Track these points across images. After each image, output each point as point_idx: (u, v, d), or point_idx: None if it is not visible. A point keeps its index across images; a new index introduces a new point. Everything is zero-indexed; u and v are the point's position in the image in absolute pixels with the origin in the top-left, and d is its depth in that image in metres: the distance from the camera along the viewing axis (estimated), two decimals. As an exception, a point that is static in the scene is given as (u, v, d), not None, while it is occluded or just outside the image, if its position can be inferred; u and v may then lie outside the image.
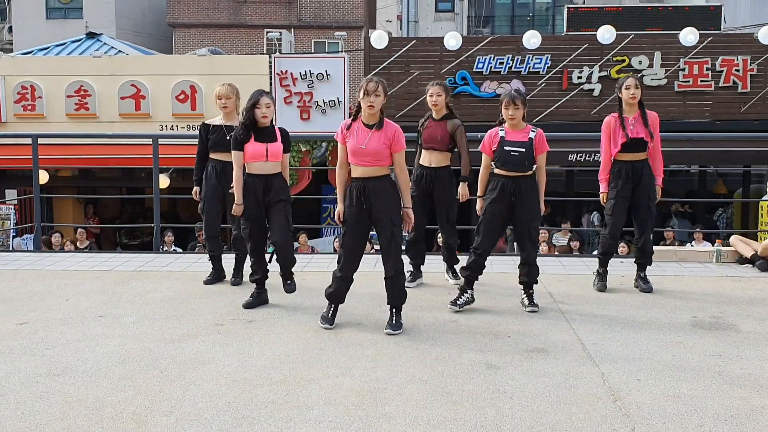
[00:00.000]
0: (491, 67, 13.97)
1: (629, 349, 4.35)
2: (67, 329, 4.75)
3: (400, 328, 4.66)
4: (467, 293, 5.29)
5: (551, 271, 6.58)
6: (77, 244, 11.58)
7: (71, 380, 3.82)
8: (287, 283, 5.42)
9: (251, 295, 5.38)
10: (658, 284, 5.94)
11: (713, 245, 8.13)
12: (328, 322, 4.79)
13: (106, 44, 17.96)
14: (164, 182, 12.51)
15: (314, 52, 22.68)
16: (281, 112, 13.98)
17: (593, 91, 13.81)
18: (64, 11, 24.41)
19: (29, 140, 8.53)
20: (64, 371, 3.95)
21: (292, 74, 14.39)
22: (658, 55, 13.74)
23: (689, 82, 13.80)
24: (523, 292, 5.35)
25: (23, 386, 3.73)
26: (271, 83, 14.28)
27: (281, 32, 22.19)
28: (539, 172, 5.32)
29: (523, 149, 5.15)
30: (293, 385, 3.74)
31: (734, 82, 13.71)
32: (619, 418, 3.35)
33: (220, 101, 5.97)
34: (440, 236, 8.74)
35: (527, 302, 5.26)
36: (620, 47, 13.70)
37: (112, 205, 17.94)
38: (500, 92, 13.65)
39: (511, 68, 13.95)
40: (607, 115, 5.96)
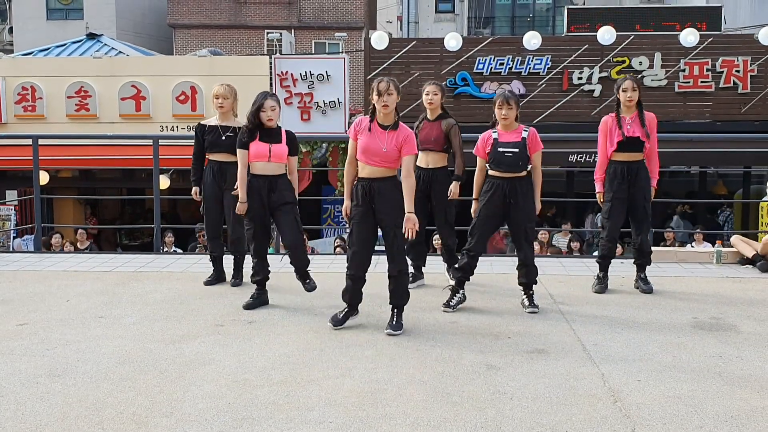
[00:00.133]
0: (491, 67, 13.97)
1: (629, 349, 4.35)
2: (67, 330, 4.75)
3: (400, 328, 4.66)
4: (459, 293, 5.31)
5: (552, 272, 6.58)
6: (77, 245, 11.57)
7: (71, 381, 3.82)
8: (306, 282, 5.41)
9: (251, 296, 5.38)
10: (658, 285, 5.94)
11: (713, 246, 8.12)
12: (334, 321, 4.77)
13: (106, 45, 17.98)
14: (164, 183, 12.52)
15: (315, 52, 22.68)
16: (281, 112, 13.96)
17: (593, 91, 13.81)
18: (64, 12, 24.43)
19: (30, 141, 8.53)
20: (64, 372, 3.95)
21: (292, 75, 14.41)
22: (658, 55, 13.74)
23: (689, 82, 13.80)
24: (523, 293, 5.35)
25: (23, 387, 3.73)
26: (271, 84, 14.28)
27: (281, 33, 22.22)
28: (534, 171, 5.32)
29: (516, 150, 5.16)
30: (293, 385, 3.74)
31: (734, 82, 13.71)
32: (619, 419, 3.35)
33: (217, 101, 5.97)
34: (436, 238, 8.79)
35: (527, 303, 5.27)
36: (620, 48, 13.70)
37: (112, 206, 17.95)
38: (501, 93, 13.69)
39: (511, 69, 13.95)
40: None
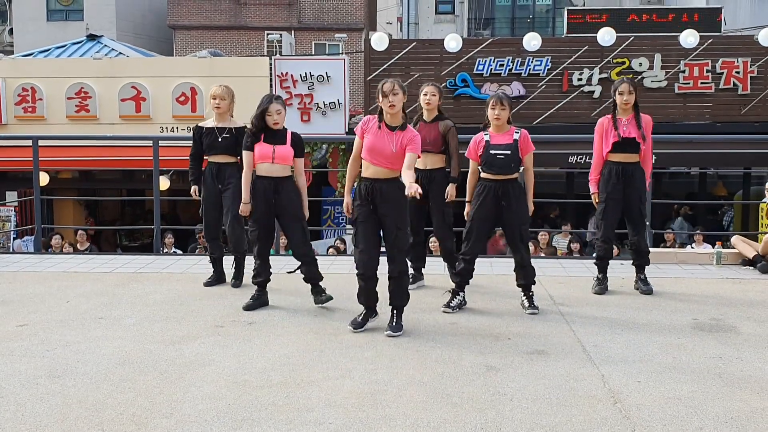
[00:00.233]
0: (491, 69, 13.97)
1: (629, 351, 4.35)
2: (67, 331, 4.75)
3: (400, 329, 4.66)
4: (459, 296, 5.33)
5: (551, 273, 6.58)
6: (77, 246, 11.57)
7: (71, 382, 3.82)
8: (320, 295, 5.31)
9: (251, 297, 5.38)
10: (658, 286, 5.94)
11: (713, 247, 8.12)
12: (354, 324, 4.74)
13: (106, 46, 17.98)
14: (164, 184, 12.50)
15: (314, 54, 22.69)
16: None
17: (593, 93, 13.81)
18: (64, 13, 24.44)
19: (30, 142, 8.53)
20: (64, 373, 3.95)
21: (292, 76, 14.41)
22: (658, 57, 13.74)
23: (689, 84, 13.80)
24: (522, 294, 5.35)
25: (23, 388, 3.73)
26: (271, 85, 14.29)
27: (281, 34, 22.23)
28: (527, 173, 5.32)
29: (508, 151, 5.16)
30: (293, 387, 3.74)
31: (734, 84, 13.71)
32: (619, 420, 3.35)
33: (214, 101, 5.95)
34: (433, 240, 8.77)
35: (527, 304, 5.27)
36: (620, 49, 13.70)
37: (112, 207, 17.95)
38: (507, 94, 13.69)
39: (511, 70, 13.95)
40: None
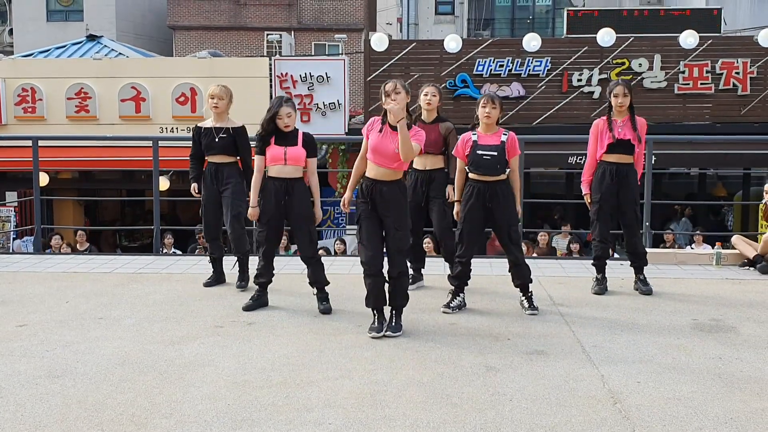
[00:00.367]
0: (491, 69, 13.97)
1: (629, 351, 4.35)
2: (66, 331, 4.75)
3: (399, 330, 4.66)
4: (459, 297, 5.34)
5: (551, 273, 6.58)
6: (77, 246, 11.57)
7: (71, 382, 3.82)
8: (322, 303, 5.28)
9: (251, 297, 5.38)
10: (658, 287, 5.94)
11: (713, 248, 8.11)
12: (374, 330, 4.66)
13: (106, 46, 17.98)
14: (164, 184, 12.49)
15: (314, 54, 22.68)
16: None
17: (593, 93, 13.81)
18: (64, 14, 24.43)
19: (29, 142, 8.53)
20: (63, 373, 3.95)
21: (292, 76, 14.41)
22: (657, 57, 13.74)
23: (689, 84, 13.81)
24: (521, 294, 5.35)
25: (23, 388, 3.73)
26: (271, 85, 14.29)
27: (281, 35, 22.22)
28: (513, 174, 5.31)
29: (495, 153, 5.17)
30: (293, 387, 3.74)
31: (734, 84, 13.71)
32: (618, 420, 3.35)
33: (212, 101, 5.94)
34: (427, 241, 8.77)
35: (527, 305, 5.26)
36: (620, 50, 13.71)
37: (112, 207, 17.95)
38: (500, 95, 13.68)
39: (511, 71, 13.95)
40: None
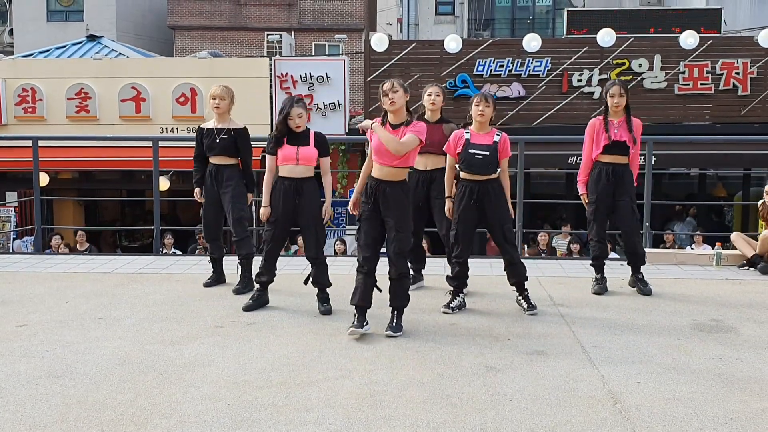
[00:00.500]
0: (491, 70, 13.97)
1: (629, 351, 4.35)
2: (66, 331, 4.75)
3: (400, 330, 4.67)
4: (459, 297, 5.34)
5: (551, 273, 6.58)
6: (77, 246, 11.57)
7: (71, 382, 3.82)
8: (322, 304, 5.26)
9: (251, 297, 5.38)
10: (657, 287, 5.94)
11: (713, 248, 8.11)
12: (354, 326, 4.60)
13: (106, 47, 17.99)
14: (164, 185, 12.51)
15: (314, 54, 22.68)
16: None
17: (593, 93, 13.81)
18: (64, 14, 24.44)
19: (30, 142, 8.53)
20: (63, 373, 3.95)
21: (292, 77, 14.41)
22: (658, 58, 13.75)
23: (689, 85, 13.81)
24: (517, 293, 5.35)
25: (23, 388, 3.73)
26: (271, 86, 14.29)
27: (281, 35, 22.23)
28: (503, 175, 5.30)
29: (487, 152, 5.17)
30: (293, 387, 3.74)
31: (734, 85, 13.71)
32: (618, 420, 3.35)
33: (213, 101, 5.94)
34: (425, 241, 8.75)
35: (525, 305, 5.26)
36: (620, 50, 13.71)
37: (112, 207, 17.95)
38: (500, 95, 13.69)
39: (511, 71, 13.95)
40: None
